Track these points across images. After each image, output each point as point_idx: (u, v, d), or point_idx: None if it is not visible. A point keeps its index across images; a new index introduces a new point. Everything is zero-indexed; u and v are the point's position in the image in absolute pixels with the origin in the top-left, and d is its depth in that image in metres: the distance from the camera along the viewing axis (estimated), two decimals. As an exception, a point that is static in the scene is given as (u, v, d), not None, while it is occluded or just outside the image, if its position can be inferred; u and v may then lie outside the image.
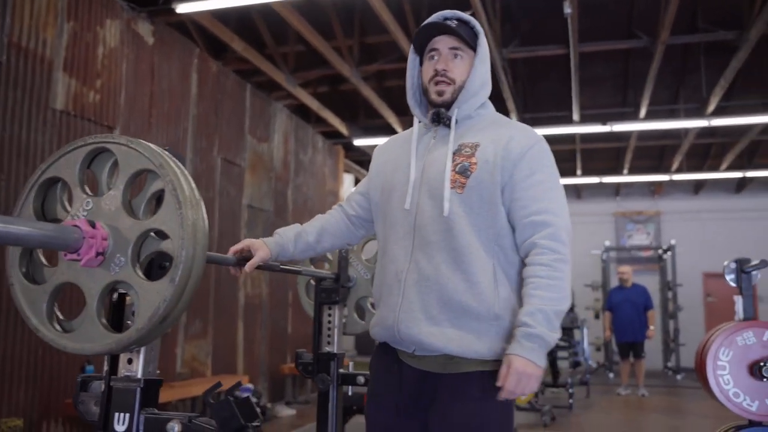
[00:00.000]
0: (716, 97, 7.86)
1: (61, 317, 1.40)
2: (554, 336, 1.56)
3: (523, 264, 1.67)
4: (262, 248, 1.81)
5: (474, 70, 1.77)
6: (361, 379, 2.40)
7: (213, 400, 1.59)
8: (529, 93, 9.78)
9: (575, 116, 8.55)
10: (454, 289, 1.62)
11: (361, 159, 11.26)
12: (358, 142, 9.37)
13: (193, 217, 1.30)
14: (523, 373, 1.51)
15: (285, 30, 7.18)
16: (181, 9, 5.41)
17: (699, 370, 3.10)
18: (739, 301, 3.22)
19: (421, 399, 1.67)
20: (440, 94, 1.76)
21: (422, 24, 1.79)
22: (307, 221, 1.97)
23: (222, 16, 6.52)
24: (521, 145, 1.69)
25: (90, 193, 1.40)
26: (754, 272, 3.18)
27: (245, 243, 1.82)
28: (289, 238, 1.89)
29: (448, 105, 1.77)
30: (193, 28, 7.12)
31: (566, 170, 12.69)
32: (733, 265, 3.28)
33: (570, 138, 10.62)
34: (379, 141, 1.93)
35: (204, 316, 6.22)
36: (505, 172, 1.67)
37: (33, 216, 1.42)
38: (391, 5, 6.18)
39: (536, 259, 1.61)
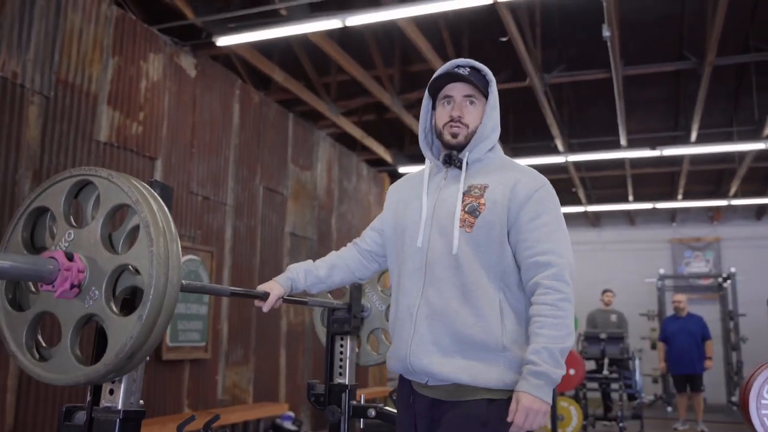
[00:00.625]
0: (773, 118, 7.57)
1: (43, 344, 1.42)
2: (559, 372, 1.65)
3: (528, 301, 1.76)
4: (275, 287, 1.97)
5: (486, 117, 1.88)
6: (372, 412, 2.35)
7: (186, 434, 1.56)
8: (576, 118, 9.62)
9: (622, 141, 8.34)
10: (463, 323, 1.71)
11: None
12: (403, 169, 9.37)
13: (165, 254, 1.31)
14: (530, 409, 1.61)
15: (326, 60, 7.29)
16: (221, 42, 5.55)
17: (743, 410, 2.92)
18: (783, 334, 3.04)
19: (432, 427, 1.75)
20: (455, 136, 1.86)
21: (436, 72, 1.89)
22: None
23: (264, 48, 6.67)
24: (527, 188, 1.79)
25: (74, 224, 1.42)
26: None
27: (260, 287, 1.98)
28: (300, 273, 2.02)
29: (461, 147, 1.87)
30: (237, 60, 7.30)
31: (617, 196, 12.39)
32: (777, 296, 3.11)
33: (619, 163, 10.38)
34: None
35: (245, 343, 6.27)
36: (512, 213, 1.77)
37: (21, 244, 1.45)
38: (428, 34, 6.20)
39: (541, 299, 1.70)
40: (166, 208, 1.38)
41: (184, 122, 5.64)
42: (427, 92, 1.94)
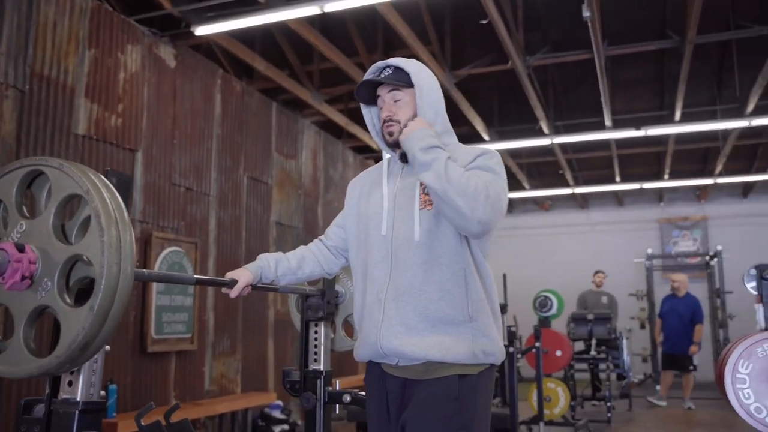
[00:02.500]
0: (755, 96, 7.56)
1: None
2: (425, 157, 1.73)
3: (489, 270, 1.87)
4: (244, 274, 1.99)
5: (419, 108, 1.90)
6: (347, 398, 2.36)
7: (144, 422, 1.56)
8: (560, 100, 9.60)
9: (607, 122, 8.34)
10: (429, 299, 1.76)
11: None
12: (384, 154, 9.34)
13: (117, 243, 1.29)
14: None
15: (309, 48, 7.24)
16: (200, 32, 5.50)
17: (719, 384, 2.94)
18: (759, 310, 3.06)
19: (403, 406, 1.79)
20: (390, 134, 1.93)
21: (359, 83, 1.96)
22: None
23: (245, 37, 6.61)
24: (476, 152, 1.86)
25: (27, 215, 1.40)
26: (775, 279, 3.02)
27: (228, 275, 2.01)
28: (270, 263, 2.06)
29: (398, 142, 1.90)
30: (217, 50, 7.24)
31: (604, 177, 12.40)
32: (753, 272, 3.13)
33: (605, 144, 10.38)
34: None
35: (232, 333, 6.26)
36: None
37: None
38: (409, 19, 6.16)
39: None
40: (119, 197, 1.37)
41: (164, 113, 5.59)
42: (364, 101, 2.02)
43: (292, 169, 7.59)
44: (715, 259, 11.62)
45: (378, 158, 9.97)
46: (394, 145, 1.94)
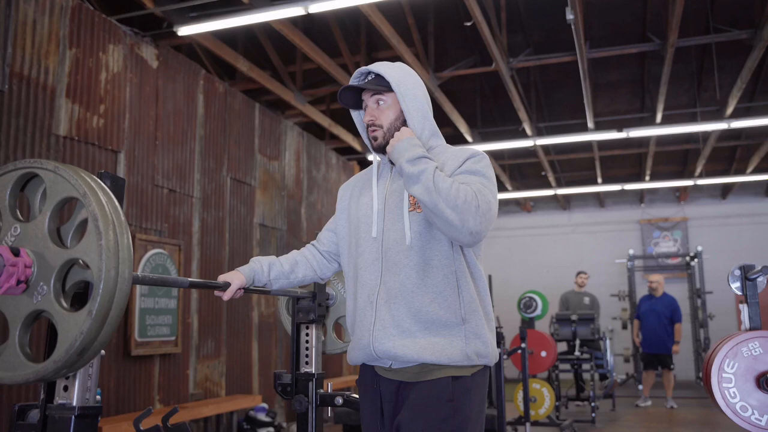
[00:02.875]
0: (734, 98, 7.68)
1: (-7, 344, 1.39)
2: (411, 169, 1.71)
3: (482, 268, 1.88)
4: (236, 277, 1.98)
5: (406, 113, 1.91)
6: (339, 400, 2.35)
7: (143, 427, 1.55)
8: (543, 102, 9.69)
9: (589, 124, 8.42)
10: (421, 301, 1.76)
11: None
12: (373, 157, 9.34)
13: (115, 246, 1.28)
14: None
15: (292, 49, 7.23)
16: (182, 32, 5.46)
17: (705, 384, 2.98)
18: (744, 310, 3.10)
19: (397, 409, 1.79)
20: (375, 139, 1.94)
21: (341, 88, 1.96)
22: None
23: (228, 37, 6.59)
24: (464, 155, 1.86)
25: (21, 218, 1.38)
26: (759, 279, 3.06)
27: (221, 278, 1.98)
28: (263, 266, 2.05)
29: (385, 145, 1.91)
30: (200, 50, 7.20)
31: (586, 179, 12.53)
32: (738, 272, 3.16)
33: (587, 146, 10.49)
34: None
35: (217, 336, 6.22)
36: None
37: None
38: (392, 20, 6.17)
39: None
40: (115, 200, 1.36)
41: (146, 114, 5.55)
42: (344, 105, 2.02)
43: (275, 170, 7.57)
44: (696, 260, 11.78)
45: (361, 160, 9.98)
46: (380, 150, 1.94)
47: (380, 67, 1.94)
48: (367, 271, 1.86)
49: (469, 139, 9.18)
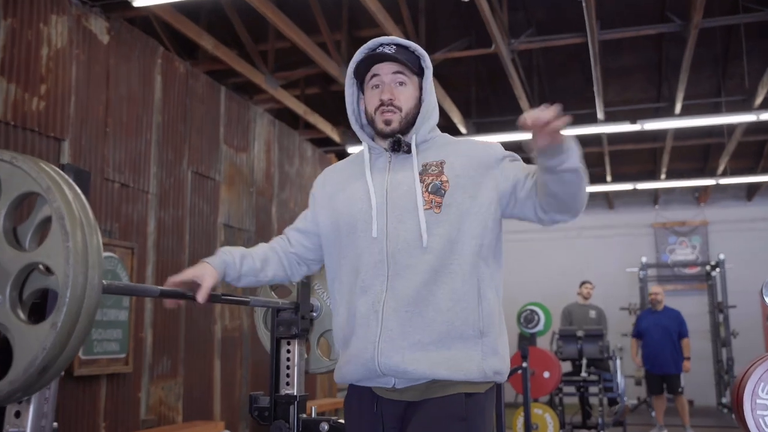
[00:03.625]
0: (764, 87, 7.80)
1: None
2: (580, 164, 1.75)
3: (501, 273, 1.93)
4: (208, 272, 1.86)
5: (426, 95, 1.94)
6: (325, 426, 2.36)
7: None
8: (547, 89, 9.75)
9: (599, 114, 8.50)
10: (437, 310, 1.76)
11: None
12: (353, 149, 9.36)
13: (84, 249, 1.27)
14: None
15: (263, 25, 7.21)
16: (138, 2, 5.43)
17: (737, 411, 3.02)
18: (777, 326, 3.15)
19: None
20: (388, 123, 1.91)
21: (358, 52, 1.94)
22: None
23: (190, 10, 6.55)
24: (496, 153, 1.92)
25: (-30, 218, 1.37)
26: (796, 292, 3.10)
27: (187, 274, 1.87)
28: (235, 257, 1.96)
29: (398, 133, 1.92)
30: (158, 24, 7.16)
31: (593, 176, 12.60)
32: (772, 283, 3.21)
33: (596, 139, 10.55)
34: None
35: (173, 353, 6.19)
36: (486, 180, 1.87)
37: None
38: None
39: None
40: (83, 196, 1.35)
41: (96, 97, 5.50)
42: (351, 74, 1.98)
43: (243, 163, 7.55)
44: (717, 270, 11.89)
45: (340, 152, 9.99)
46: (389, 136, 1.92)
47: (404, 41, 1.95)
48: (369, 275, 1.84)
49: (462, 130, 9.23)
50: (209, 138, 6.97)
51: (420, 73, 1.96)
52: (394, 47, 1.92)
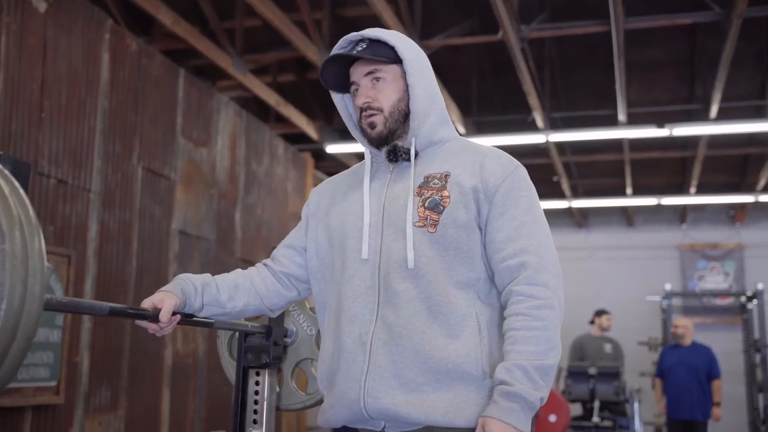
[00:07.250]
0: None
1: None
2: (537, 395, 1.71)
3: None
4: (168, 299, 1.87)
5: (411, 88, 1.94)
6: (297, 474, 2.34)
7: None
8: (560, 84, 9.80)
9: (621, 115, 8.56)
10: (433, 346, 1.77)
11: (336, 171, 11.26)
12: (332, 148, 9.37)
13: (23, 253, 1.26)
14: None
15: (231, -3, 7.22)
16: (86, -33, 5.42)
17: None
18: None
19: None
20: (372, 126, 1.95)
21: (326, 60, 2.00)
22: (262, 252, 2.09)
23: (146, -23, 6.54)
24: (495, 177, 1.90)
25: None
26: None
27: (144, 304, 1.87)
28: (196, 285, 1.98)
29: (384, 138, 1.95)
30: (107, -7, 7.14)
31: (611, 188, 12.66)
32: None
33: (616, 145, 10.60)
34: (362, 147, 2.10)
35: (114, 381, 6.16)
36: (482, 207, 1.88)
37: None
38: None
39: (513, 309, 1.79)
40: (22, 192, 1.35)
41: (29, 75, 5.47)
42: (328, 86, 2.06)
43: (203, 160, 7.55)
44: (754, 301, 11.94)
45: (317, 151, 9.99)
46: (378, 141, 1.96)
47: (377, 32, 1.97)
48: (355, 303, 1.86)
49: (461, 129, 9.25)
50: (164, 129, 6.96)
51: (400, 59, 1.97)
52: (366, 42, 1.96)
